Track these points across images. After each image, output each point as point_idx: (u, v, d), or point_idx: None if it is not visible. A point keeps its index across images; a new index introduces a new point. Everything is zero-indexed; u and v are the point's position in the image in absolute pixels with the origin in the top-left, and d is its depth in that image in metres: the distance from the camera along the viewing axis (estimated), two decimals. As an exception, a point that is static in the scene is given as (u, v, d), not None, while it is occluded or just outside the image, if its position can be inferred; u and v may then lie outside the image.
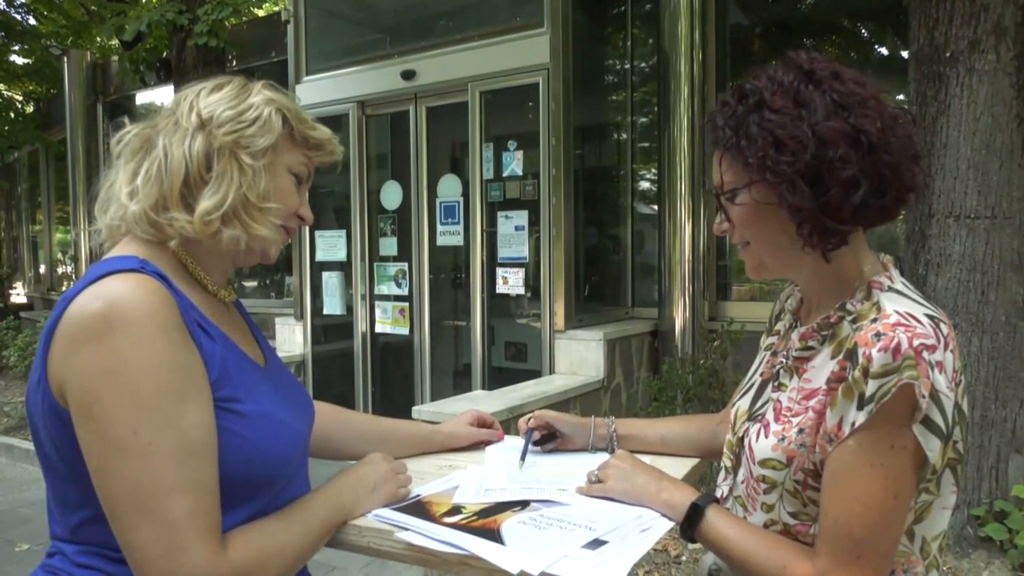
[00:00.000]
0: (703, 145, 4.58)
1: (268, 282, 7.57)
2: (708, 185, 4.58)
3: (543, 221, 4.61)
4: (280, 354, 5.69)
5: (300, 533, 1.00)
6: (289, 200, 1.07)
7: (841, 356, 0.96)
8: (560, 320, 4.55)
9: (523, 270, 4.75)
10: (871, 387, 0.90)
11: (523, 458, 1.35)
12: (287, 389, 1.12)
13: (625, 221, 5.34)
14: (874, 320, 0.94)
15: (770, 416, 1.06)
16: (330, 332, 5.86)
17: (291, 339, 5.96)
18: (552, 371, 4.57)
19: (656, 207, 5.05)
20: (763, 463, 1.03)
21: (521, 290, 4.79)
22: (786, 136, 0.95)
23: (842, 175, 0.93)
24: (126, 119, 1.07)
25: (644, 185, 5.42)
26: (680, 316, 4.64)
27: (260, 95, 1.05)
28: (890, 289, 1.00)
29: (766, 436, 1.04)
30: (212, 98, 1.03)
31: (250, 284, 7.70)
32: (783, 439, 1.01)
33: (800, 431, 0.99)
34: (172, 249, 1.01)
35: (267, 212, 1.03)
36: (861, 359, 0.91)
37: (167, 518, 0.86)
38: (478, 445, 1.50)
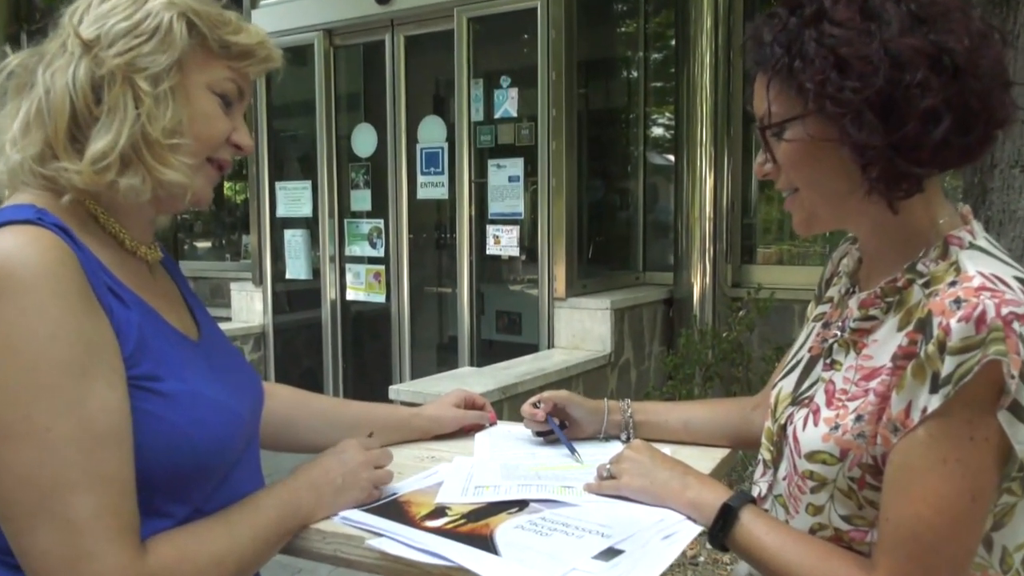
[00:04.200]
0: (728, 85, 4.56)
1: (223, 242, 7.58)
2: (731, 133, 4.68)
3: (541, 171, 4.60)
4: (237, 325, 5.79)
5: (245, 539, 0.98)
6: (214, 127, 1.02)
7: (911, 327, 0.93)
8: (560, 286, 4.56)
9: (517, 228, 4.75)
10: (948, 365, 0.87)
11: (572, 451, 1.35)
12: (225, 366, 1.10)
13: (636, 172, 5.35)
14: (952, 283, 0.91)
15: (820, 400, 1.04)
16: (294, 300, 5.89)
17: (249, 307, 5.98)
18: (551, 345, 4.58)
19: (672, 156, 5.05)
20: (811, 456, 1.00)
21: (515, 251, 4.79)
22: (852, 55, 0.90)
23: (921, 105, 0.89)
24: (7, 48, 1.01)
25: (658, 131, 5.42)
26: (699, 282, 4.66)
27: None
28: (972, 246, 0.96)
29: (815, 424, 1.02)
30: (103, 8, 0.97)
31: (203, 245, 7.72)
32: (836, 428, 0.99)
33: (858, 418, 0.97)
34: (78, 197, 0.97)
35: (177, 150, 0.97)
36: (936, 331, 0.88)
37: (69, 519, 0.84)
38: (466, 432, 1.50)
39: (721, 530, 1.03)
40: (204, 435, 0.96)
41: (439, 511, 1.10)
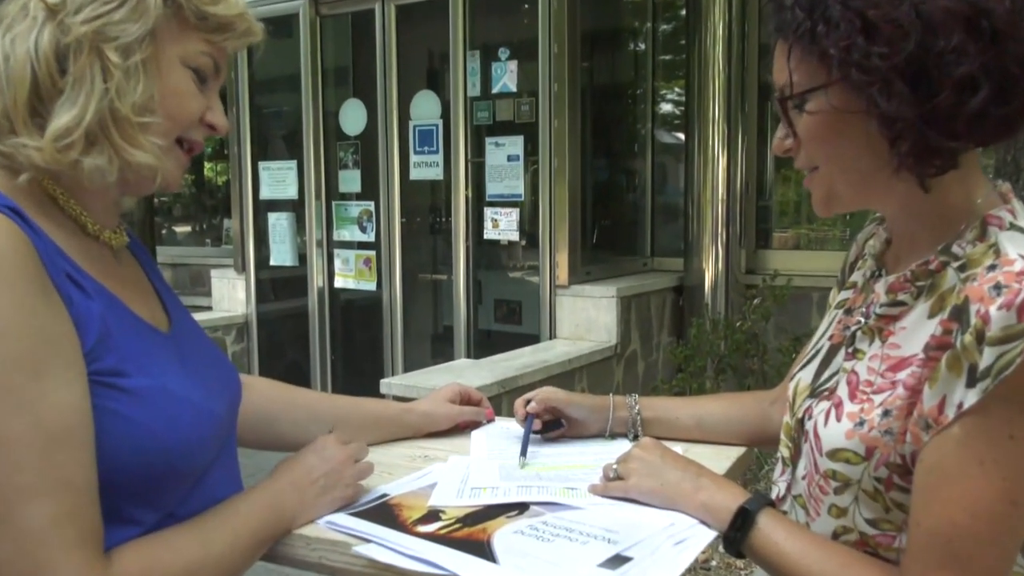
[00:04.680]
0: (742, 58, 4.55)
1: (203, 226, 7.60)
2: (746, 109, 4.67)
3: (542, 150, 4.60)
4: (218, 314, 5.83)
5: (221, 547, 0.97)
6: (187, 105, 1.01)
7: (945, 315, 0.92)
8: (563, 273, 4.57)
9: (517, 211, 4.75)
10: (987, 357, 0.85)
11: (524, 452, 1.34)
12: (199, 359, 1.09)
13: (644, 151, 5.35)
14: (992, 267, 0.89)
15: (843, 392, 1.03)
16: (279, 288, 5.90)
17: (231, 296, 5.98)
18: (553, 336, 4.59)
19: (682, 135, 5.07)
20: (833, 454, 0.99)
21: (515, 235, 4.79)
22: (880, 18, 0.88)
23: (956, 72, 0.87)
24: None
25: (667, 107, 5.43)
26: (711, 268, 4.66)
27: None
28: (1013, 227, 0.94)
29: (838, 419, 1.00)
30: None
31: (181, 230, 7.74)
32: (861, 423, 0.97)
33: (885, 413, 0.95)
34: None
35: (147, 129, 0.96)
36: (974, 319, 0.86)
37: (24, 527, 0.82)
38: (462, 429, 1.50)
39: (737, 535, 1.02)
40: (175, 435, 0.95)
41: (432, 515, 1.10)
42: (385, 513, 1.10)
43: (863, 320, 1.05)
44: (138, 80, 0.94)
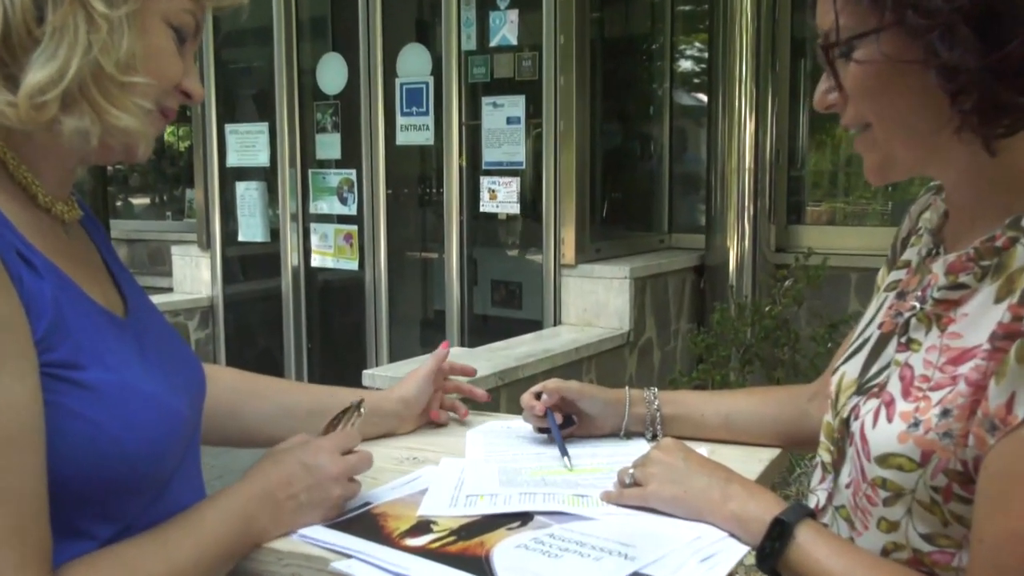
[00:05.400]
0: (772, 8, 4.63)
1: (163, 197, 7.63)
2: (776, 68, 4.66)
3: (546, 111, 4.58)
4: (180, 297, 5.88)
5: (184, 562, 0.97)
6: (168, 67, 1.01)
7: (1015, 299, 0.91)
8: (569, 251, 4.57)
9: (518, 180, 4.74)
10: None
11: (565, 452, 1.35)
12: (160, 350, 1.09)
13: (661, 114, 5.35)
14: None
15: (895, 389, 1.02)
16: (249, 267, 5.91)
17: (194, 276, 5.98)
18: (558, 321, 4.61)
19: (705, 96, 5.06)
20: (883, 460, 0.99)
21: (515, 208, 4.78)
22: None
23: None
24: None
25: (688, 64, 5.46)
26: (736, 246, 4.67)
27: None
28: None
29: (889, 420, 1.00)
30: None
31: (139, 202, 7.78)
32: (916, 425, 0.96)
33: (944, 413, 0.94)
34: None
35: (132, 90, 0.95)
36: None
37: None
38: (453, 429, 1.52)
39: (772, 550, 1.02)
40: (136, 437, 0.95)
41: (422, 526, 1.10)
42: (368, 524, 1.10)
43: (918, 305, 1.04)
44: (123, 34, 0.94)
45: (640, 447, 1.37)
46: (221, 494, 1.06)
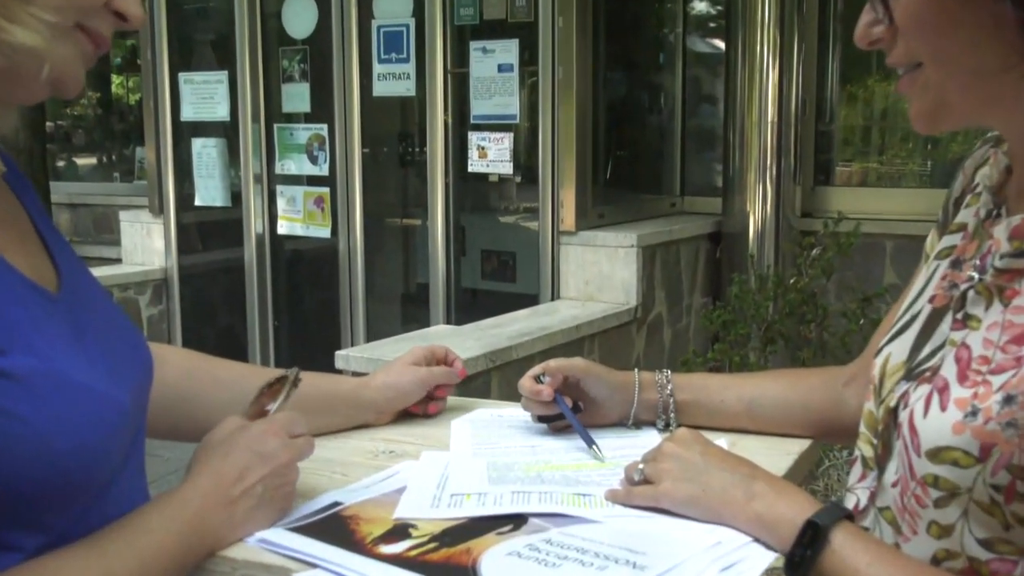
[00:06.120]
0: None
1: (110, 157, 7.66)
2: (803, 10, 4.66)
3: (543, 58, 4.58)
4: (129, 269, 5.91)
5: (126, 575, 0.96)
6: None
7: None
8: (569, 216, 4.58)
9: (510, 136, 4.75)
10: None
11: (591, 442, 1.35)
12: (99, 331, 1.07)
13: (672, 62, 5.39)
14: None
15: (950, 373, 1.00)
16: (207, 234, 5.93)
17: (145, 245, 5.98)
18: (556, 296, 4.63)
19: (722, 41, 5.08)
20: (936, 455, 0.97)
21: (507, 168, 4.79)
22: None
23: None
24: None
25: (703, 6, 5.51)
26: (757, 210, 4.69)
27: None
28: None
29: (943, 408, 0.98)
30: None
31: (84, 162, 7.81)
32: (974, 414, 0.95)
33: (1007, 400, 0.93)
34: None
35: (33, 1, 0.92)
36: None
37: None
38: (433, 413, 1.53)
39: (804, 558, 1.00)
40: (68, 435, 0.93)
41: (399, 531, 1.09)
42: (336, 528, 1.10)
43: (977, 276, 1.03)
44: None
45: (651, 438, 1.37)
46: (166, 497, 1.05)
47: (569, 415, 1.39)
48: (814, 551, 1.00)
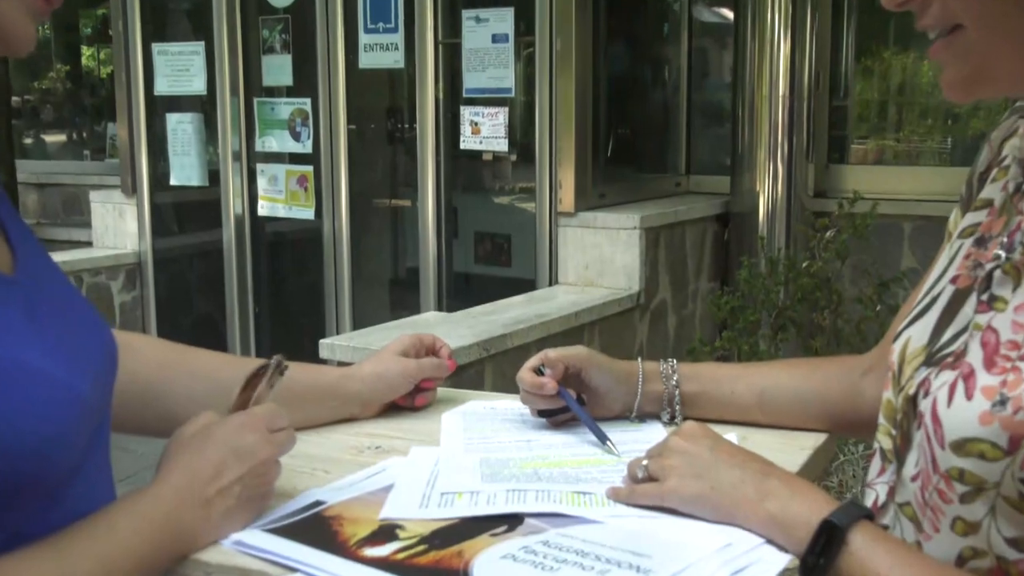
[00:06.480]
0: None
1: (80, 134, 7.70)
2: None
3: (540, 28, 4.59)
4: (100, 252, 5.92)
5: None
6: None
7: None
8: (568, 196, 4.58)
9: (505, 112, 4.75)
10: None
11: (604, 439, 1.35)
12: (58, 315, 1.06)
13: (677, 33, 5.40)
14: None
15: (975, 358, 1.00)
16: (183, 216, 5.95)
17: (118, 228, 6.00)
18: (554, 281, 4.64)
19: (730, 10, 5.09)
20: (961, 447, 0.96)
21: (502, 145, 4.80)
22: None
23: None
24: None
25: None
26: (767, 190, 4.70)
27: None
28: None
29: (968, 396, 0.97)
30: None
31: (52, 139, 7.87)
32: (1003, 402, 0.94)
33: None
34: None
35: None
36: None
37: None
38: (419, 405, 1.54)
39: (820, 560, 1.00)
40: (20, 427, 0.92)
41: (386, 532, 1.09)
42: (318, 529, 1.10)
43: (1004, 254, 1.02)
44: None
45: (656, 432, 1.37)
46: (135, 495, 1.04)
47: (578, 410, 1.39)
48: (831, 554, 1.00)
